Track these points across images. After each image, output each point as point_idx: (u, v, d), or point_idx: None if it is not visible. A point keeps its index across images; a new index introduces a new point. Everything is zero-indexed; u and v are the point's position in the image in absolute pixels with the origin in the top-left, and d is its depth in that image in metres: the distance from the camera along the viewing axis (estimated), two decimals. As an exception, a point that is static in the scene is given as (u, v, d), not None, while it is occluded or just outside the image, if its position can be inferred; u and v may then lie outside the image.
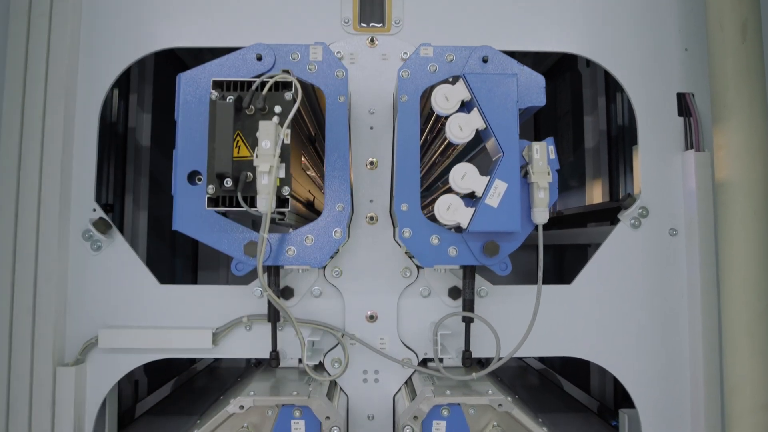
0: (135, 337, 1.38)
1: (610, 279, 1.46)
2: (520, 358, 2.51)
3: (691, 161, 1.44)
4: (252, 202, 1.13)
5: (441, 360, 1.31)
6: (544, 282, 1.28)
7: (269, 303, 1.37)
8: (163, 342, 1.38)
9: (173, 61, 2.36)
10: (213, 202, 1.15)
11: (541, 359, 2.52)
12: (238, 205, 1.13)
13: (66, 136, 1.40)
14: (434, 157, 1.58)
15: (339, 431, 1.19)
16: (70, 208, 1.42)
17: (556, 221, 2.49)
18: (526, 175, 1.22)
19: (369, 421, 1.42)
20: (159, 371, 2.31)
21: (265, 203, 1.10)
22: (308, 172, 1.70)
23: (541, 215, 1.21)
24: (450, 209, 1.20)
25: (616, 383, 2.21)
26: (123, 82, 2.16)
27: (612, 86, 2.28)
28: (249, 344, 1.41)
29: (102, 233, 1.39)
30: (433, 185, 1.91)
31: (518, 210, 1.19)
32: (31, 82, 1.39)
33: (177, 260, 2.54)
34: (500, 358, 1.29)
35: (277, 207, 1.15)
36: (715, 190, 1.41)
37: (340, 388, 1.42)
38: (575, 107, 2.45)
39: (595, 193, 2.32)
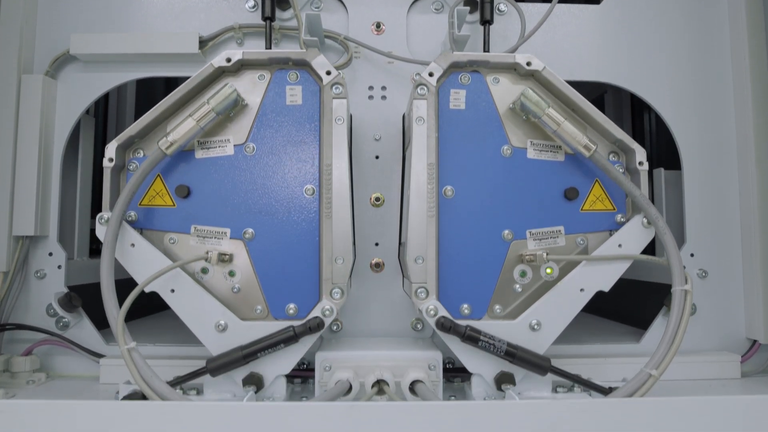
0: (111, 41, 1.22)
1: (642, -1, 1.31)
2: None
3: None
4: None
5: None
6: None
7: (263, 8, 1.22)
8: (143, 46, 1.22)
9: None
10: None
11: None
12: None
13: None
14: None
15: (341, 89, 1.02)
16: None
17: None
18: None
19: (375, 141, 1.25)
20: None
21: None
22: None
23: None
24: None
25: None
26: None
27: None
28: (240, 59, 1.25)
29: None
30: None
31: None
32: None
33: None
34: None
35: None
36: None
37: (344, 106, 1.26)
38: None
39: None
